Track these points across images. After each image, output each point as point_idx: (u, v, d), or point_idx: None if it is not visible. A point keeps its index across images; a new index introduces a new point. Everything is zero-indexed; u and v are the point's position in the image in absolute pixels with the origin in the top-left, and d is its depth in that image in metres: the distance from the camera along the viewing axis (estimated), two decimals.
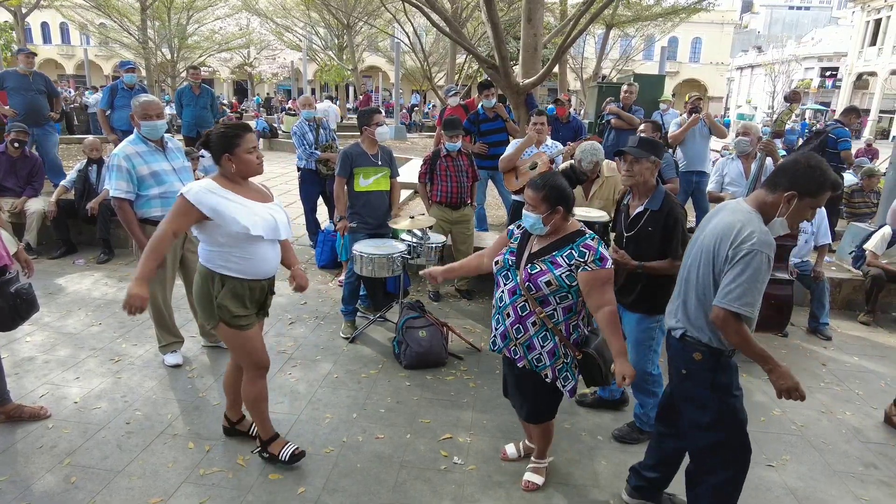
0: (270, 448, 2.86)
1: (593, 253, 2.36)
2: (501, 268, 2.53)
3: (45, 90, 7.23)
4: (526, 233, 2.56)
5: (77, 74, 39.84)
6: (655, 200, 2.94)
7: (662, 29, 23.50)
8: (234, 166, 2.54)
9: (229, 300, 2.59)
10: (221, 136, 2.54)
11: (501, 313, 2.54)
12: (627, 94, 6.94)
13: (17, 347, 3.98)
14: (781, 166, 2.17)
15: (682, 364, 2.31)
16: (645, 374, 3.12)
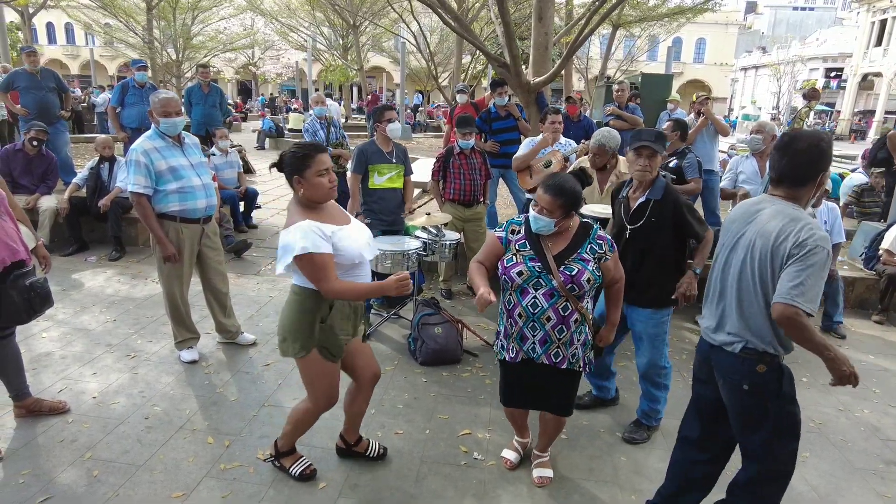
0: (283, 460, 2.78)
1: (606, 242, 2.53)
2: (529, 277, 2.45)
3: (56, 87, 7.25)
4: (531, 236, 2.51)
5: (82, 74, 39.92)
6: (657, 190, 2.98)
7: (668, 29, 23.45)
8: (303, 190, 2.37)
9: (337, 320, 2.48)
10: (292, 157, 2.38)
11: (538, 319, 2.48)
12: (620, 93, 6.91)
13: (33, 343, 3.98)
14: (797, 159, 2.07)
15: (743, 379, 2.16)
16: (658, 369, 3.15)
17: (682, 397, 3.73)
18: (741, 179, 4.71)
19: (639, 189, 3.03)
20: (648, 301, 3.05)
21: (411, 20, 14.56)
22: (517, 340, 2.56)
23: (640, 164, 2.95)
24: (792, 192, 2.12)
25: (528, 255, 2.49)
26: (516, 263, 2.48)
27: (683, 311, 5.14)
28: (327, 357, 2.49)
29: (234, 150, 7.34)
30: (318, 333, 2.44)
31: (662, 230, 2.98)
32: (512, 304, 2.54)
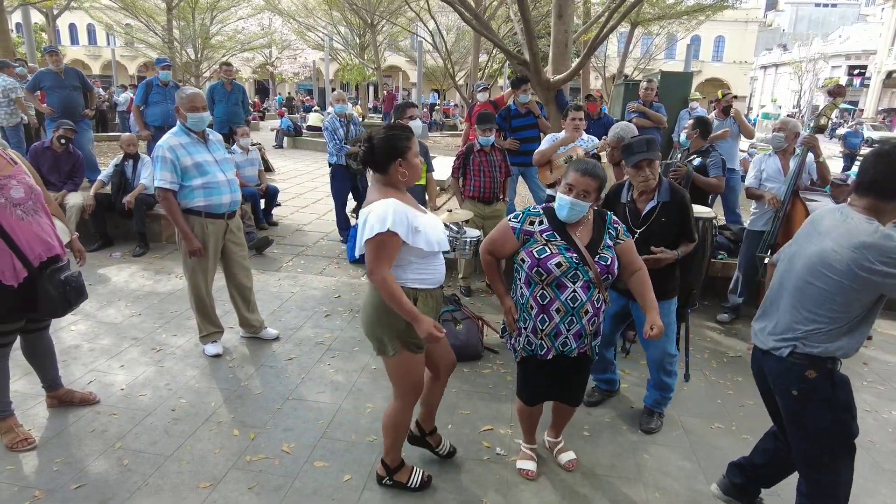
0: (397, 476, 2.67)
1: (620, 227, 2.54)
2: (568, 269, 2.37)
3: (80, 86, 7.37)
4: (558, 227, 2.45)
5: (103, 74, 40.56)
6: (665, 192, 3.04)
7: (686, 27, 23.25)
8: (405, 171, 2.28)
9: (424, 313, 2.34)
10: (390, 140, 2.25)
11: (577, 313, 2.44)
12: (647, 91, 6.88)
13: (62, 336, 4.06)
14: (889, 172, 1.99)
15: (792, 384, 2.14)
16: (669, 357, 3.20)
17: (704, 394, 3.72)
18: (763, 178, 4.65)
19: (644, 193, 3.06)
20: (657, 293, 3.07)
21: (428, 19, 14.57)
22: (550, 337, 2.49)
23: (643, 176, 2.98)
24: (876, 206, 2.02)
25: (563, 246, 2.42)
26: (552, 254, 2.39)
27: (705, 310, 5.11)
28: (415, 351, 2.43)
29: (255, 147, 7.41)
30: (406, 328, 2.35)
31: (672, 228, 3.06)
32: (547, 299, 2.44)
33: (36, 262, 2.69)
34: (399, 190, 2.34)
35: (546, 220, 2.49)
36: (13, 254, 2.61)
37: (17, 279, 2.64)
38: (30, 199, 2.70)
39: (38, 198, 2.76)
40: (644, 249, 3.00)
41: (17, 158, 2.79)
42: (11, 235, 2.60)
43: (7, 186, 2.62)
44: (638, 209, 3.08)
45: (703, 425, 3.40)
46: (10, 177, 2.65)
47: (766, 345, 2.21)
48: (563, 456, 2.92)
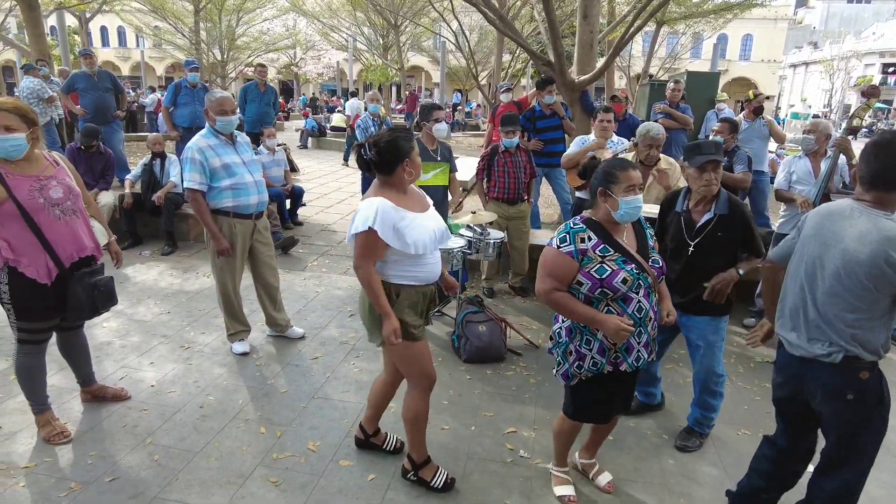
0: (422, 472, 2.70)
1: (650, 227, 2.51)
2: (632, 282, 2.26)
3: (112, 87, 7.56)
4: (608, 239, 2.31)
5: (132, 75, 41.47)
6: (722, 205, 2.88)
7: (713, 26, 22.87)
8: (413, 171, 2.40)
9: (406, 310, 2.46)
10: (395, 142, 2.35)
11: (644, 323, 2.34)
12: (674, 92, 6.80)
13: (95, 332, 4.17)
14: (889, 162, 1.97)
15: (847, 389, 2.10)
16: (716, 376, 3.08)
17: (730, 400, 3.66)
18: (793, 180, 4.56)
19: (701, 203, 2.91)
20: (706, 309, 2.99)
21: (451, 19, 14.58)
22: (623, 352, 2.37)
23: (706, 180, 2.81)
24: (884, 197, 2.01)
25: (619, 259, 2.28)
26: (614, 272, 2.25)
27: (731, 314, 5.01)
28: (409, 338, 2.48)
29: (281, 148, 7.51)
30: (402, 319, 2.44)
31: (727, 245, 2.91)
32: (615, 315, 2.30)
33: (67, 263, 2.77)
34: (399, 190, 2.44)
35: (592, 233, 2.32)
36: (47, 253, 2.69)
37: (50, 278, 2.72)
38: (68, 199, 2.77)
39: (77, 199, 2.83)
40: (699, 262, 2.92)
41: (59, 160, 2.87)
42: (46, 235, 2.68)
43: (47, 187, 2.70)
44: (693, 220, 2.92)
45: (730, 431, 3.36)
46: (51, 177, 2.73)
47: (811, 352, 2.14)
48: (602, 478, 2.80)
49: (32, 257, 2.67)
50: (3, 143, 2.58)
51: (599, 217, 2.35)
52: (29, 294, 2.71)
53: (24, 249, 2.66)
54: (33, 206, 2.64)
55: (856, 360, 2.07)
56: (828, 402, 2.15)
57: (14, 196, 2.59)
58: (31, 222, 2.64)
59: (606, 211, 2.31)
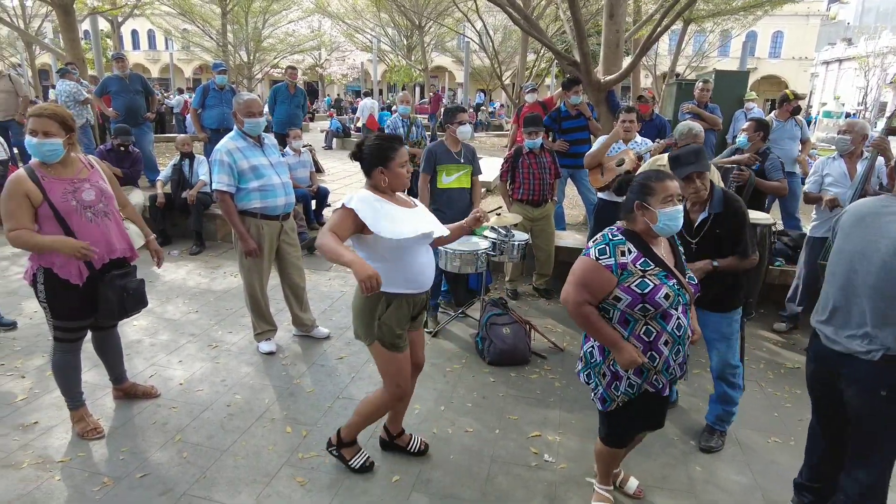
0: (344, 450, 2.83)
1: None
2: (674, 299, 2.17)
3: (142, 90, 7.73)
4: (648, 253, 2.23)
5: (161, 77, 42.34)
6: (717, 203, 2.92)
7: (742, 23, 22.44)
8: (387, 179, 2.47)
9: (393, 319, 2.52)
10: (376, 149, 2.46)
11: (682, 341, 2.26)
12: (703, 92, 6.69)
13: (126, 330, 4.25)
14: None
15: (883, 386, 2.09)
16: (732, 367, 3.11)
17: (760, 406, 3.60)
18: (827, 182, 4.43)
19: (697, 203, 2.95)
20: (718, 304, 3.02)
21: (476, 19, 14.57)
22: (664, 372, 2.28)
23: (693, 188, 2.83)
24: None
25: (661, 274, 2.18)
26: (656, 287, 2.15)
27: (761, 318, 4.93)
28: (389, 349, 2.56)
29: (307, 149, 7.58)
30: (377, 331, 2.53)
31: (726, 241, 2.95)
32: (654, 333, 2.21)
33: (98, 264, 2.84)
34: (384, 193, 2.50)
35: (633, 246, 2.21)
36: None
37: (82, 279, 2.80)
38: (100, 201, 2.84)
39: (110, 201, 2.90)
40: (701, 258, 2.95)
41: (95, 163, 2.95)
42: (77, 237, 2.75)
43: (80, 190, 2.77)
44: (691, 219, 2.98)
45: (759, 439, 3.29)
46: (84, 180, 2.81)
47: (850, 348, 2.14)
48: (630, 484, 2.76)
49: (65, 258, 2.74)
50: (40, 148, 2.66)
51: (638, 229, 2.25)
52: (63, 294, 2.79)
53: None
54: (66, 209, 2.71)
55: (894, 359, 2.05)
56: (860, 397, 2.16)
57: (48, 198, 2.67)
58: (64, 224, 2.71)
59: (645, 223, 2.22)
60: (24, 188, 2.64)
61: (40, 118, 2.63)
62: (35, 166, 2.73)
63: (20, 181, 2.65)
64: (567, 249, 5.46)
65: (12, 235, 2.67)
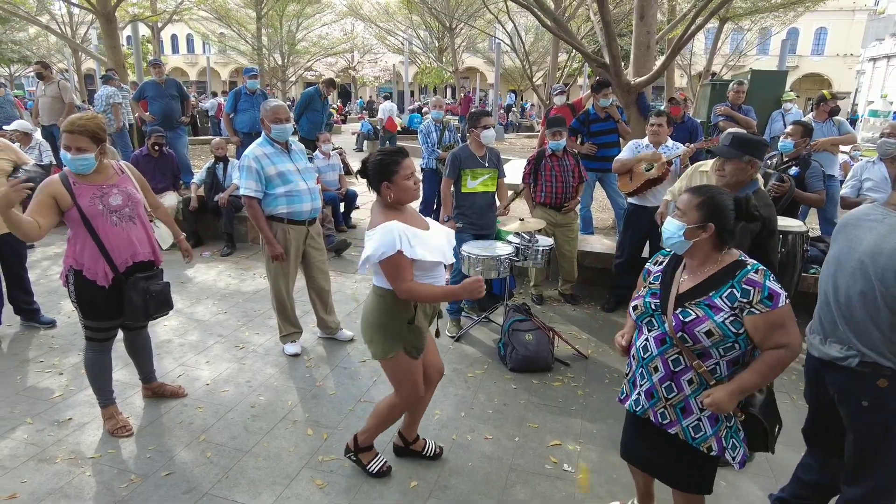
0: (362, 455, 2.85)
1: (760, 290, 1.87)
2: (642, 314, 2.10)
3: (177, 94, 7.96)
4: (670, 267, 2.14)
5: (199, 80, 43.42)
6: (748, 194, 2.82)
7: (782, 20, 21.79)
8: (392, 194, 2.46)
9: (421, 323, 2.56)
10: (379, 164, 2.45)
11: (647, 367, 2.08)
12: (736, 94, 6.50)
13: (157, 330, 4.39)
14: None
15: (863, 395, 2.06)
16: None
17: (789, 419, 3.45)
18: (867, 187, 4.28)
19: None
20: None
21: (507, 21, 14.51)
22: (630, 384, 2.23)
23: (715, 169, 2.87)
24: None
25: (653, 289, 2.13)
26: (639, 296, 2.16)
27: None
28: (413, 356, 2.57)
29: (336, 152, 7.68)
30: (408, 335, 2.52)
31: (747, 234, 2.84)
32: (633, 341, 2.20)
33: (122, 267, 2.92)
34: (396, 209, 2.50)
35: (668, 260, 2.19)
36: (103, 257, 2.86)
37: (108, 281, 2.89)
38: (126, 206, 2.94)
39: (137, 206, 2.99)
40: None
41: (125, 169, 3.05)
42: (103, 240, 2.85)
43: (108, 195, 2.88)
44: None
45: (789, 453, 3.17)
46: (113, 186, 2.91)
47: (828, 354, 2.14)
48: None
49: (93, 261, 2.85)
50: (74, 163, 2.78)
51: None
52: (92, 295, 2.90)
53: (87, 253, 2.85)
54: (93, 213, 2.82)
55: (874, 367, 2.02)
56: (843, 406, 2.15)
57: (77, 203, 2.79)
58: (90, 227, 2.82)
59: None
60: (53, 191, 2.77)
61: (72, 134, 2.73)
62: (68, 172, 2.84)
63: (52, 185, 2.79)
64: (594, 254, 5.39)
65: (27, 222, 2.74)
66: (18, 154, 4.15)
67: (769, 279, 1.90)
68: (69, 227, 2.87)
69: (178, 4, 17.39)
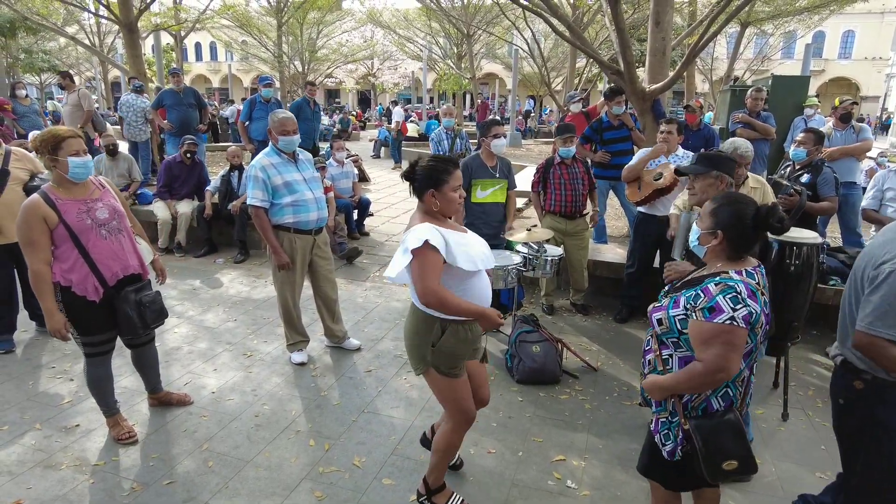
0: (436, 498, 2.66)
1: (707, 300, 1.86)
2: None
3: (195, 103, 8.08)
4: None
5: (221, 87, 44.17)
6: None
7: (807, 24, 21.42)
8: (439, 203, 2.35)
9: (450, 345, 2.40)
10: (430, 170, 2.35)
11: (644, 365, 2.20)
12: (754, 101, 6.36)
13: (167, 338, 4.43)
14: None
15: (841, 393, 2.15)
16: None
17: (804, 438, 3.37)
18: (888, 198, 4.14)
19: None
20: None
21: (524, 27, 14.50)
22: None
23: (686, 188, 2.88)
24: None
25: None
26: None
27: (813, 340, 4.64)
28: (445, 374, 2.44)
29: (350, 160, 7.71)
30: (432, 358, 2.41)
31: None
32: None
33: (112, 281, 2.95)
34: (436, 217, 2.39)
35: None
36: (92, 272, 2.87)
37: (98, 295, 2.91)
38: (113, 219, 2.97)
39: (122, 219, 3.03)
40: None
41: (105, 183, 3.10)
42: (92, 255, 2.87)
43: (94, 209, 2.91)
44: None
45: (805, 473, 3.08)
46: (97, 200, 2.95)
47: (831, 352, 2.24)
48: None
49: (81, 276, 2.86)
50: (86, 165, 2.84)
51: None
52: (83, 311, 2.92)
53: (75, 269, 2.86)
54: (81, 227, 2.84)
55: (851, 367, 2.08)
56: (832, 407, 2.23)
57: (64, 220, 2.80)
58: (79, 243, 2.83)
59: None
60: (41, 212, 2.77)
61: (78, 139, 2.78)
62: (48, 190, 2.84)
63: (36, 206, 2.77)
64: (606, 264, 5.31)
65: (36, 270, 2.78)
66: (35, 163, 4.23)
67: (725, 296, 1.85)
68: (55, 243, 2.84)
69: (201, 13, 17.69)
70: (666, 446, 2.04)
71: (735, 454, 1.89)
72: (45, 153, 2.81)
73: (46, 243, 2.80)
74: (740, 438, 1.91)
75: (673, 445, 2.02)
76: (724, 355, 1.83)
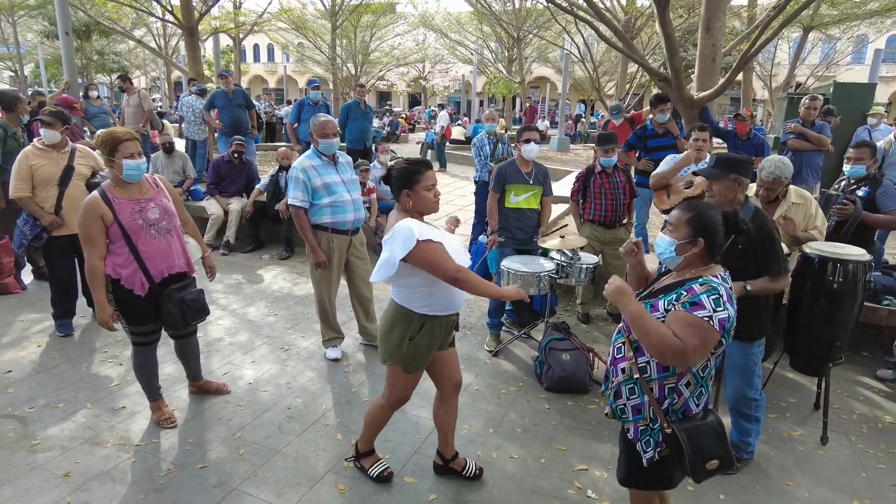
0: (363, 461, 2.95)
1: (690, 296, 1.90)
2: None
3: (244, 104, 8.40)
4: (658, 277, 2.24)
5: (277, 88, 45.46)
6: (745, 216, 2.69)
7: (879, 28, 20.34)
8: (412, 202, 2.49)
9: (425, 340, 2.58)
10: (402, 172, 2.51)
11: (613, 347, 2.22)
12: (809, 109, 6.06)
13: (210, 329, 4.64)
14: None
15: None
16: (748, 400, 3.02)
17: (845, 464, 3.23)
18: None
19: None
20: (737, 335, 2.70)
21: (575, 32, 14.36)
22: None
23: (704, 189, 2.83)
24: None
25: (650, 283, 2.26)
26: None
27: (862, 362, 4.44)
28: (406, 371, 2.65)
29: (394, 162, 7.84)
30: (405, 350, 2.58)
31: (750, 259, 2.78)
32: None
33: (158, 278, 3.11)
34: (412, 216, 2.51)
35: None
36: (140, 269, 3.04)
37: (144, 290, 3.08)
38: (163, 219, 3.13)
39: (172, 219, 3.19)
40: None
41: (160, 182, 3.26)
42: (141, 253, 3.03)
43: (146, 209, 3.07)
44: None
45: (840, 500, 2.96)
46: (150, 199, 3.11)
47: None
48: None
49: (130, 272, 3.04)
50: (140, 168, 3.01)
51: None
52: (132, 303, 3.09)
53: (126, 264, 3.03)
54: (133, 227, 3.01)
55: None
56: None
57: (118, 219, 2.97)
58: (130, 242, 3.00)
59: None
60: (100, 210, 2.95)
61: (134, 141, 2.97)
62: (107, 188, 3.03)
63: (96, 204, 2.95)
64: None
65: (91, 265, 2.98)
66: (98, 160, 4.51)
67: (709, 296, 1.89)
68: (110, 239, 3.01)
69: (258, 17, 18.31)
70: (647, 453, 2.06)
71: (716, 454, 1.97)
72: (104, 153, 3.00)
73: (103, 240, 2.99)
74: (721, 438, 2.00)
75: (652, 452, 2.06)
76: (695, 347, 1.86)
